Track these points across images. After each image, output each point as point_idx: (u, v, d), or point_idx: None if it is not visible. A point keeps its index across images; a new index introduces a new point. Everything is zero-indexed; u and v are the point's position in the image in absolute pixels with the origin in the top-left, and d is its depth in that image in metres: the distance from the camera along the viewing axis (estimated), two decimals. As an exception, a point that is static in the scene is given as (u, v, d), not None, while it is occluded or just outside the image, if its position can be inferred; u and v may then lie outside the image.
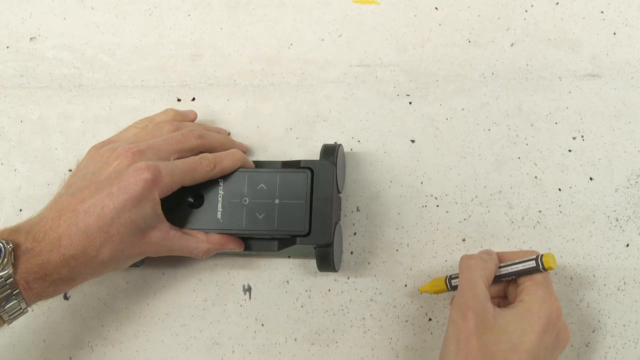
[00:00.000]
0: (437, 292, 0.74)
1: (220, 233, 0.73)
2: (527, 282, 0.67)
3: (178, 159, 0.72)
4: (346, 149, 0.80)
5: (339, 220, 0.77)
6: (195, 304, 0.79)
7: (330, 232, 0.71)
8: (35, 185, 0.84)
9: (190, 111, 0.81)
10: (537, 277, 0.67)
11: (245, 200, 0.72)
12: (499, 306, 0.69)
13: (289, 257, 0.79)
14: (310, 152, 0.81)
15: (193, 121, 0.81)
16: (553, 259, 0.66)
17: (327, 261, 0.72)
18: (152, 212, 0.67)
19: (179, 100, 0.85)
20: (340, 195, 0.78)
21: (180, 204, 0.73)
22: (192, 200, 0.73)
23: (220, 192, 0.73)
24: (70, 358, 0.79)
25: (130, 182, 0.65)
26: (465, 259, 0.69)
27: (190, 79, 0.85)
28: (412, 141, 0.80)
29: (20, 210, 0.83)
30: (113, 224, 0.65)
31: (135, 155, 0.68)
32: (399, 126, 0.81)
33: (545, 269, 0.67)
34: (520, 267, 0.68)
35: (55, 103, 0.86)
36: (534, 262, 0.67)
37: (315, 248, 0.73)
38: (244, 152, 0.81)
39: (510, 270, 0.68)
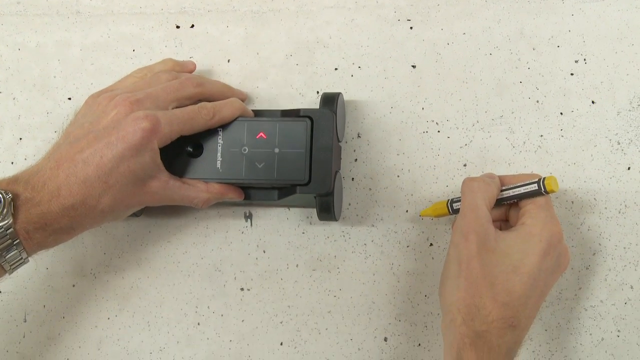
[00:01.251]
0: (439, 216, 0.74)
1: (219, 182, 0.73)
2: (528, 205, 0.67)
3: (177, 107, 0.71)
4: (346, 74, 0.80)
5: (339, 169, 0.77)
6: (196, 231, 0.80)
7: (330, 181, 0.71)
8: (35, 114, 0.84)
9: (189, 62, 0.80)
10: (539, 200, 0.67)
11: (244, 150, 0.72)
12: (500, 229, 0.69)
13: (289, 208, 0.79)
14: (310, 79, 0.80)
15: (192, 72, 0.80)
16: (555, 182, 0.66)
17: (327, 210, 0.72)
18: (151, 161, 0.67)
19: (177, 27, 0.84)
20: (340, 143, 0.78)
21: (180, 153, 0.72)
22: (191, 149, 0.73)
23: (220, 141, 0.73)
24: (74, 285, 0.80)
25: (129, 131, 0.65)
26: (467, 181, 0.69)
27: (189, 5, 0.84)
28: (413, 66, 0.80)
29: (20, 139, 0.83)
30: (112, 174, 0.65)
31: (134, 104, 0.67)
32: (399, 51, 0.80)
33: (547, 192, 0.67)
34: (522, 190, 0.68)
35: (52, 30, 0.86)
36: (536, 185, 0.67)
37: (315, 197, 0.73)
38: (243, 100, 0.80)
39: (512, 194, 0.69)
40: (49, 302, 0.80)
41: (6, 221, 0.61)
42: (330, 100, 0.74)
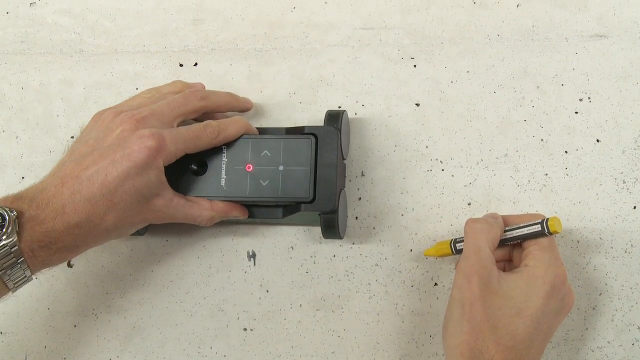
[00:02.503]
0: (442, 256, 0.74)
1: (224, 200, 0.72)
2: (532, 247, 0.67)
3: (182, 123, 0.71)
4: (350, 113, 0.79)
5: (344, 186, 0.77)
6: (199, 270, 0.79)
7: (335, 198, 0.71)
8: (38, 153, 0.84)
9: (198, 83, 0.80)
10: (543, 241, 0.67)
11: (249, 167, 0.72)
12: (504, 270, 0.68)
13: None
14: (314, 116, 0.80)
15: None
16: (559, 223, 0.66)
17: (332, 228, 0.72)
18: (156, 179, 0.67)
19: (181, 65, 0.84)
20: (345, 161, 0.78)
21: (184, 171, 0.72)
22: (195, 167, 0.73)
23: (224, 159, 0.72)
24: (75, 325, 0.79)
25: (134, 149, 0.65)
26: (470, 222, 0.68)
27: (193, 44, 0.85)
28: (417, 105, 0.79)
29: (23, 177, 0.83)
30: (117, 192, 0.64)
31: (139, 122, 0.67)
32: (403, 89, 0.80)
33: (550, 233, 0.66)
34: (525, 230, 0.67)
35: (56, 69, 0.86)
36: (539, 225, 0.66)
37: (320, 215, 0.72)
38: (249, 108, 0.81)
39: (515, 234, 0.68)
40: (50, 343, 0.79)
41: (11, 239, 0.60)
42: (334, 118, 0.74)
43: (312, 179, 0.71)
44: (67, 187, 0.64)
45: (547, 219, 0.66)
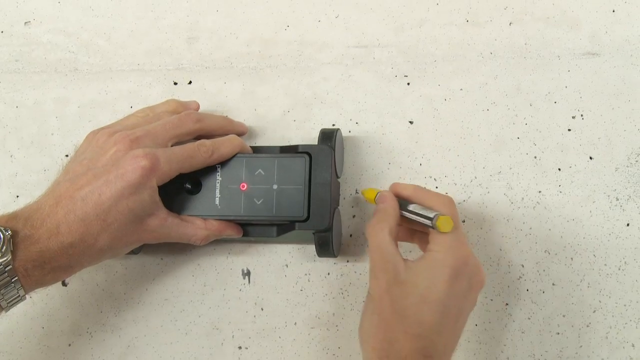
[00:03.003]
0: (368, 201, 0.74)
1: (218, 219, 0.73)
2: (433, 230, 0.66)
3: (176, 144, 0.71)
4: (344, 131, 0.80)
5: (338, 205, 0.77)
6: (194, 289, 0.79)
7: (329, 217, 0.71)
8: (32, 172, 0.84)
9: (192, 102, 0.80)
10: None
11: (243, 186, 0.72)
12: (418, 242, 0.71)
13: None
14: (308, 134, 0.81)
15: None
16: (448, 223, 0.64)
17: (326, 247, 0.72)
18: (149, 199, 0.67)
19: (175, 83, 0.84)
20: (339, 179, 0.78)
21: (178, 190, 0.72)
22: (189, 186, 0.73)
23: (218, 177, 0.73)
24: (70, 344, 0.79)
25: (128, 169, 0.65)
26: (367, 224, 0.68)
27: (187, 62, 0.85)
28: (411, 122, 0.80)
29: (17, 196, 0.83)
30: (110, 212, 0.64)
31: (133, 142, 0.67)
32: (397, 107, 0.80)
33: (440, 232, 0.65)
34: (420, 219, 0.66)
35: (50, 88, 0.86)
36: (430, 221, 0.65)
37: (314, 233, 0.72)
38: (244, 132, 0.81)
39: (413, 218, 0.67)
40: (44, 362, 0.79)
41: (5, 258, 0.60)
42: (328, 137, 0.74)
43: (306, 198, 0.71)
44: (61, 206, 0.64)
45: (438, 217, 0.64)
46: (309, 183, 0.71)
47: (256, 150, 0.76)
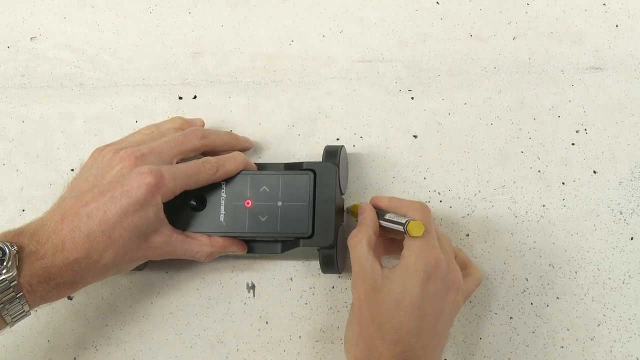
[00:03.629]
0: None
1: (223, 236, 0.73)
2: (407, 238, 0.67)
3: (181, 160, 0.72)
4: (348, 145, 0.80)
5: (342, 221, 0.77)
6: (199, 302, 0.79)
7: (333, 234, 0.71)
8: (38, 186, 0.84)
9: (197, 119, 0.80)
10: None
11: (248, 203, 0.72)
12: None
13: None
14: (312, 149, 0.81)
15: None
16: (418, 228, 0.65)
17: (330, 263, 0.72)
18: (154, 216, 0.67)
19: (180, 98, 0.84)
20: (343, 196, 0.78)
21: (183, 207, 0.72)
22: (194, 203, 0.73)
23: (223, 194, 0.73)
24: (75, 358, 0.79)
25: (133, 186, 0.65)
26: (348, 239, 0.70)
27: (192, 77, 0.85)
28: (415, 136, 0.80)
29: (23, 210, 0.83)
30: (116, 228, 0.65)
31: (138, 159, 0.68)
32: (401, 122, 0.80)
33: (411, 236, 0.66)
34: (395, 226, 0.68)
35: (56, 102, 0.86)
36: (402, 227, 0.66)
37: (318, 250, 0.72)
38: (249, 148, 0.81)
39: (389, 226, 0.69)
40: (50, 376, 0.80)
41: (10, 273, 0.60)
42: (332, 154, 0.74)
43: (311, 215, 0.71)
44: (66, 223, 0.64)
45: (408, 222, 0.66)
46: (314, 200, 0.72)
47: (261, 167, 0.76)
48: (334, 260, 0.72)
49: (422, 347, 0.64)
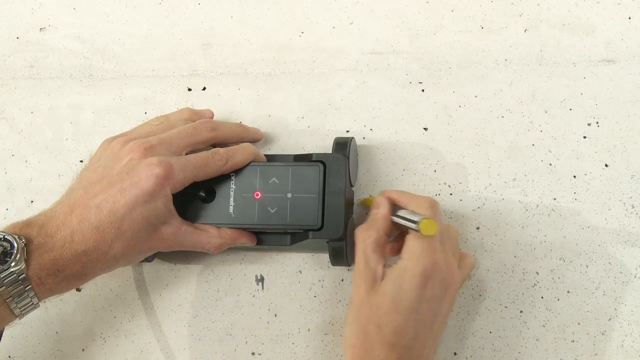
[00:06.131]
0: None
1: (232, 228, 0.72)
2: (409, 236, 0.67)
3: (191, 152, 0.71)
4: (358, 137, 0.80)
5: (352, 214, 0.77)
6: (207, 294, 0.79)
7: (343, 226, 0.71)
8: (47, 177, 0.84)
9: (206, 110, 0.80)
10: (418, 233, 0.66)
11: (257, 195, 0.72)
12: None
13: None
14: (322, 141, 0.80)
15: None
16: (430, 227, 0.64)
17: (340, 256, 0.72)
18: (163, 207, 0.67)
19: (189, 89, 0.84)
20: (353, 188, 0.78)
21: (192, 198, 0.72)
22: (204, 194, 0.73)
23: (232, 186, 0.73)
24: (83, 350, 0.79)
25: (142, 177, 0.65)
26: (356, 231, 0.69)
27: (201, 68, 0.85)
28: (425, 129, 0.79)
29: (32, 201, 0.83)
30: (125, 220, 0.65)
31: (147, 150, 0.68)
32: (411, 114, 0.80)
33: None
34: (407, 223, 0.66)
35: (65, 94, 0.86)
36: (415, 225, 0.64)
37: (327, 243, 0.72)
38: (259, 139, 0.81)
39: (399, 222, 0.68)
40: (58, 367, 0.80)
41: (19, 266, 0.60)
42: (342, 145, 0.74)
43: (320, 207, 0.71)
44: (75, 214, 0.64)
45: (422, 221, 0.64)
46: (323, 192, 0.71)
47: (270, 158, 0.76)
48: (343, 252, 0.71)
49: (419, 349, 0.63)
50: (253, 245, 0.75)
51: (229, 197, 0.72)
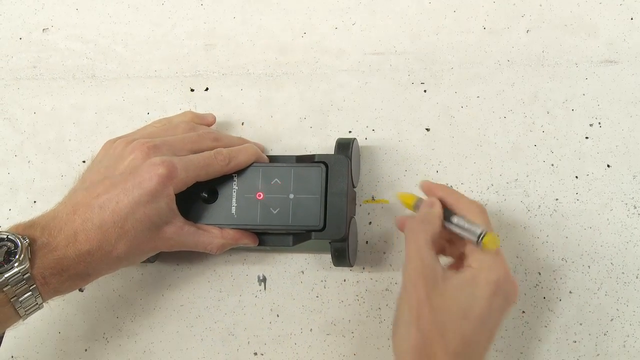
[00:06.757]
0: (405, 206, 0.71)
1: (234, 228, 0.73)
2: (474, 246, 0.65)
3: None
4: (361, 138, 0.80)
5: (354, 215, 0.77)
6: (210, 295, 0.79)
7: (345, 227, 0.71)
8: (49, 177, 0.84)
9: (208, 114, 0.80)
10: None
11: (259, 195, 0.72)
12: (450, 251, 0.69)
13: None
14: (324, 141, 0.81)
15: (211, 124, 0.80)
16: (493, 242, 0.63)
17: (342, 257, 0.72)
18: (166, 207, 0.67)
19: (192, 90, 0.84)
20: (355, 189, 0.78)
21: (195, 199, 0.72)
22: (206, 195, 0.73)
23: (235, 187, 0.73)
24: (86, 350, 0.79)
25: (145, 177, 0.65)
26: (408, 223, 0.66)
27: (204, 69, 0.85)
28: (427, 130, 0.80)
29: (35, 202, 0.83)
30: (128, 220, 0.65)
31: (150, 150, 0.68)
32: (413, 114, 0.80)
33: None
34: (464, 233, 0.65)
35: (68, 94, 0.86)
36: (476, 238, 0.64)
37: (330, 243, 0.72)
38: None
39: (455, 230, 0.66)
40: (61, 367, 0.80)
41: (23, 266, 0.60)
42: (345, 146, 0.74)
43: (323, 208, 0.71)
44: (78, 214, 0.64)
45: (484, 235, 0.63)
46: (325, 193, 0.71)
47: (272, 159, 0.76)
48: (345, 253, 0.71)
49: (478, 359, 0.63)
50: (255, 245, 0.75)
51: (231, 197, 0.73)
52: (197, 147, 0.72)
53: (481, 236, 0.63)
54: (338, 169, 0.72)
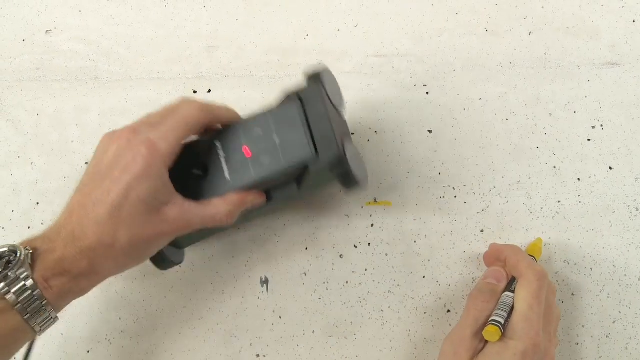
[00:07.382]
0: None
1: (236, 191, 0.71)
2: (514, 313, 0.66)
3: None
4: (363, 140, 0.80)
5: (349, 136, 0.76)
6: (212, 296, 0.79)
7: (336, 145, 0.69)
8: (52, 179, 0.84)
9: (222, 106, 0.79)
10: (523, 309, 0.65)
11: (247, 151, 0.71)
12: None
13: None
14: (326, 143, 0.81)
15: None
16: (490, 335, 0.64)
17: (347, 176, 0.71)
18: (161, 185, 0.65)
19: (195, 92, 0.84)
20: (344, 111, 0.77)
21: (188, 179, 0.71)
22: (198, 172, 0.71)
23: (221, 153, 0.71)
24: (88, 351, 0.79)
25: (129, 161, 0.63)
26: (473, 297, 0.69)
27: (206, 71, 0.85)
28: (430, 131, 0.80)
29: (37, 203, 0.83)
30: (123, 207, 0.63)
31: (130, 135, 0.65)
32: (416, 116, 0.80)
33: None
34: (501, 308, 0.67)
35: (71, 96, 0.86)
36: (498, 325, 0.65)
37: (331, 171, 0.70)
38: None
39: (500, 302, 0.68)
40: (63, 368, 0.80)
41: (23, 269, 0.60)
42: (314, 76, 0.73)
43: (309, 137, 0.70)
44: (75, 216, 0.63)
45: (488, 326, 0.65)
46: (308, 123, 0.70)
47: (247, 118, 0.74)
48: (349, 172, 0.70)
49: None
50: (263, 202, 0.73)
51: (221, 164, 0.71)
52: (173, 114, 0.70)
53: (487, 325, 0.65)
54: (312, 97, 0.71)
